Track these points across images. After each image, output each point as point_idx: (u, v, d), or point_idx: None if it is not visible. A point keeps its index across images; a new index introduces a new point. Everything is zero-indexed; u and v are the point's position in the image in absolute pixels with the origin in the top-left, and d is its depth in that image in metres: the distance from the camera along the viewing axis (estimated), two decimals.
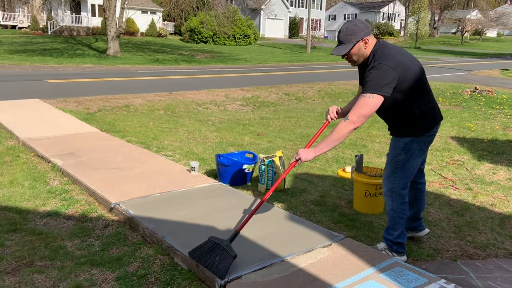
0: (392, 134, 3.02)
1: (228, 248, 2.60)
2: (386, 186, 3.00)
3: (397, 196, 2.95)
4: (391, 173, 2.96)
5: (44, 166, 4.75)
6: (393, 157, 2.94)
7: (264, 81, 14.35)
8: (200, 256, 2.66)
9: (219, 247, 2.62)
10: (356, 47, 2.72)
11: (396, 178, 2.93)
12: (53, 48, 24.08)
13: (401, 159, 2.89)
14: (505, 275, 2.83)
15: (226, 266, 2.53)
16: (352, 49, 2.72)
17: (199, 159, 5.22)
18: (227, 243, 2.64)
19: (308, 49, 33.65)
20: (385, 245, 3.04)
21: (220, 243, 2.63)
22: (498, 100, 11.02)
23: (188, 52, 27.76)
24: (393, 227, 3.00)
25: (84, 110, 8.19)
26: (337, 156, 5.66)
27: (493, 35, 69.03)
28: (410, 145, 2.86)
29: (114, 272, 2.67)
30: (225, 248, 2.60)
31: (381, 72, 2.62)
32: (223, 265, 2.54)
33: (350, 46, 2.71)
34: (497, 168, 5.31)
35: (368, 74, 2.68)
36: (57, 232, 3.23)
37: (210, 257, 2.61)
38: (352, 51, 2.74)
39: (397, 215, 2.97)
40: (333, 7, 63.53)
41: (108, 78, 13.92)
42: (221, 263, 2.55)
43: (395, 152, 2.93)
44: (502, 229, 3.55)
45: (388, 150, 3.05)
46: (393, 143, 2.97)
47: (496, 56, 38.64)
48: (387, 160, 3.03)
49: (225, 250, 2.59)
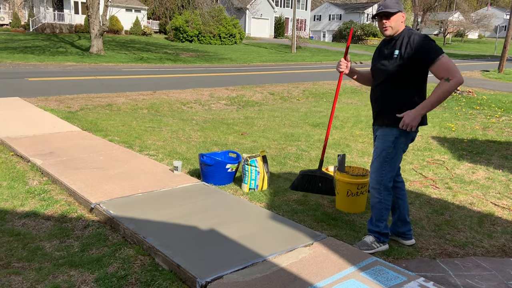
0: (380, 125, 3.04)
1: (323, 174, 3.36)
2: (374, 179, 3.07)
3: (384, 189, 3.05)
4: (379, 166, 3.03)
5: (23, 165, 4.66)
6: (382, 150, 3.01)
7: (249, 81, 14.35)
8: (303, 188, 3.40)
9: (315, 176, 3.36)
10: (398, 15, 2.88)
11: (384, 171, 3.02)
12: (34, 46, 23.64)
13: (390, 153, 2.98)
14: (483, 273, 2.89)
15: (330, 187, 3.37)
16: (396, 15, 2.87)
17: (182, 158, 5.18)
18: (319, 170, 3.39)
19: (293, 49, 33.78)
20: (373, 237, 3.12)
21: (314, 173, 3.40)
22: (478, 101, 11.23)
23: (173, 51, 27.57)
24: (379, 219, 3.10)
25: (65, 109, 8.06)
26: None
27: (475, 36, 70.38)
28: (399, 139, 2.96)
29: (93, 273, 2.63)
30: (321, 175, 3.35)
31: (428, 39, 2.82)
32: (327, 187, 3.37)
33: (396, 10, 2.85)
34: (477, 167, 5.41)
35: (419, 45, 2.79)
36: (36, 233, 3.17)
37: (314, 185, 3.38)
38: (393, 17, 2.88)
39: (384, 207, 3.07)
40: (318, 8, 63.83)
41: (91, 76, 13.74)
42: (324, 186, 3.34)
43: (384, 145, 2.99)
44: (480, 227, 3.62)
45: (375, 145, 3.09)
46: (382, 137, 3.01)
47: (477, 57, 39.38)
48: (374, 155, 3.08)
49: (322, 177, 3.34)
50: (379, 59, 3.03)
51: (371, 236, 3.13)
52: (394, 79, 2.91)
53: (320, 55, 33.13)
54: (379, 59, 3.03)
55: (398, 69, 2.87)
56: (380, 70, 2.99)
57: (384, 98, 3.01)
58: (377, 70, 3.04)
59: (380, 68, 2.99)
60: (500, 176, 5.06)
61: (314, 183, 3.29)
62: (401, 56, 2.86)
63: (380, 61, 3.01)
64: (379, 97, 3.05)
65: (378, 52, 3.09)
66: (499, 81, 18.06)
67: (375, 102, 3.10)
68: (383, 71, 2.96)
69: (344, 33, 53.14)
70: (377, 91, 3.06)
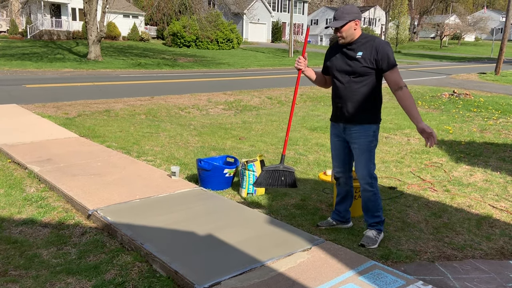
0: (358, 123, 3.14)
1: (285, 168, 3.34)
2: (365, 174, 3.17)
3: (375, 179, 3.22)
4: (368, 160, 3.16)
5: (21, 172, 4.65)
6: (366, 145, 3.14)
7: (247, 85, 14.37)
8: (267, 183, 3.36)
9: (278, 171, 3.33)
10: (348, 26, 3.02)
11: (372, 164, 3.18)
12: (32, 53, 23.65)
13: (373, 146, 3.16)
14: (481, 276, 2.88)
15: (293, 179, 3.36)
16: (345, 26, 3.01)
17: (180, 164, 5.18)
18: (282, 164, 3.36)
19: (290, 53, 33.84)
20: (375, 231, 3.26)
21: (277, 168, 3.36)
22: (475, 103, 11.26)
23: (171, 56, 27.61)
24: (378, 209, 3.25)
25: (63, 115, 8.05)
26: (319, 159, 5.69)
27: (471, 39, 70.66)
28: (377, 131, 3.19)
29: (90, 281, 2.62)
30: (283, 169, 3.32)
31: (389, 47, 3.04)
32: (290, 180, 3.34)
33: (344, 22, 3.00)
34: (474, 170, 5.41)
35: (379, 51, 2.99)
36: (33, 240, 3.16)
37: (277, 180, 3.34)
38: (344, 28, 3.02)
39: (378, 196, 3.25)
40: (315, 12, 64.09)
41: (88, 82, 13.74)
42: (287, 179, 3.32)
43: (367, 140, 3.14)
44: (478, 230, 3.61)
45: (355, 143, 3.18)
46: (362, 133, 3.14)
47: (474, 60, 39.52)
48: (358, 152, 3.18)
49: (284, 170, 3.31)
50: (342, 61, 3.14)
51: (372, 230, 3.27)
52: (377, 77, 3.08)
53: (317, 59, 33.16)
54: (342, 61, 3.14)
55: (364, 69, 3.04)
56: (346, 71, 3.11)
57: (365, 98, 3.09)
58: (343, 71, 3.14)
59: (346, 69, 3.11)
60: (498, 178, 5.06)
61: (277, 178, 3.44)
62: (366, 58, 3.02)
63: (345, 62, 3.12)
64: (349, 96, 3.12)
65: (337, 54, 3.19)
66: (496, 83, 18.11)
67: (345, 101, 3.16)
68: (349, 72, 3.10)
69: None
70: (345, 92, 3.14)
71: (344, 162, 3.39)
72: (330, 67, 3.24)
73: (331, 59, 3.24)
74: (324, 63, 3.33)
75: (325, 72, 3.36)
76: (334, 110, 3.29)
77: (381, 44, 3.00)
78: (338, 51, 3.19)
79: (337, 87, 3.21)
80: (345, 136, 3.26)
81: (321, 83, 3.45)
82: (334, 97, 3.26)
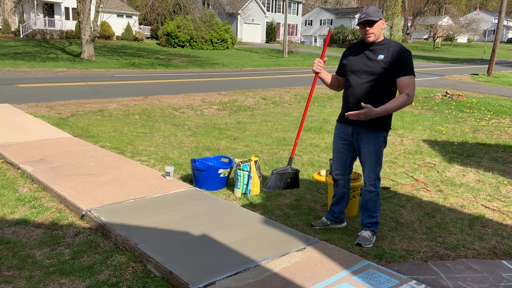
0: (369, 128, 3.14)
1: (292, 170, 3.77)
2: (372, 177, 3.23)
3: (379, 181, 3.28)
4: (375, 164, 3.21)
5: (13, 173, 4.62)
6: (375, 151, 3.18)
7: (241, 86, 14.37)
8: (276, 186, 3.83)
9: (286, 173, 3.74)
10: (379, 23, 3.05)
11: (379, 166, 3.24)
12: (25, 52, 23.48)
13: (382, 151, 3.23)
14: (474, 275, 2.91)
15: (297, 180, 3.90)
16: (377, 22, 3.04)
17: (174, 164, 5.17)
18: (290, 167, 3.77)
19: (285, 54, 33.90)
20: (370, 232, 3.29)
21: (285, 170, 3.79)
22: (468, 104, 11.35)
23: (165, 56, 27.54)
24: (376, 210, 3.31)
25: (56, 115, 8.01)
26: (313, 159, 5.70)
27: (464, 40, 71.22)
28: (386, 137, 3.23)
29: (84, 281, 2.61)
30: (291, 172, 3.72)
31: (411, 56, 3.05)
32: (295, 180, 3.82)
33: (378, 18, 3.03)
34: (467, 170, 5.46)
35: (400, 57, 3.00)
36: (26, 240, 3.14)
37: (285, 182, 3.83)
38: (376, 25, 3.04)
39: (379, 197, 3.32)
40: (309, 13, 64.21)
41: (82, 82, 13.67)
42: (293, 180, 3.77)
43: (377, 146, 3.18)
44: (471, 229, 3.64)
45: (364, 148, 3.20)
46: (373, 139, 3.16)
47: (467, 61, 39.82)
48: (366, 156, 3.21)
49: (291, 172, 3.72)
50: (361, 61, 3.13)
51: (368, 231, 3.31)
52: (379, 82, 3.07)
53: (311, 59, 33.28)
54: (362, 62, 3.13)
55: (383, 72, 3.03)
56: (365, 71, 3.10)
57: (370, 100, 3.07)
58: (361, 72, 3.12)
59: (364, 69, 3.10)
60: (490, 179, 5.11)
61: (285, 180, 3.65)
62: (387, 61, 3.02)
63: (365, 63, 3.11)
64: (363, 98, 3.10)
65: (357, 54, 3.18)
66: (488, 84, 18.27)
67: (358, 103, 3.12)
68: (368, 72, 3.08)
69: (335, 38, 53.46)
70: (360, 92, 3.12)
71: (345, 166, 3.40)
72: (347, 65, 3.22)
73: (349, 57, 3.23)
74: (340, 61, 3.32)
75: (339, 73, 3.36)
76: (345, 111, 3.23)
77: (403, 51, 3.01)
78: (358, 51, 3.18)
79: (351, 87, 3.18)
80: (353, 140, 3.26)
81: (334, 86, 3.45)
82: (346, 97, 3.24)
